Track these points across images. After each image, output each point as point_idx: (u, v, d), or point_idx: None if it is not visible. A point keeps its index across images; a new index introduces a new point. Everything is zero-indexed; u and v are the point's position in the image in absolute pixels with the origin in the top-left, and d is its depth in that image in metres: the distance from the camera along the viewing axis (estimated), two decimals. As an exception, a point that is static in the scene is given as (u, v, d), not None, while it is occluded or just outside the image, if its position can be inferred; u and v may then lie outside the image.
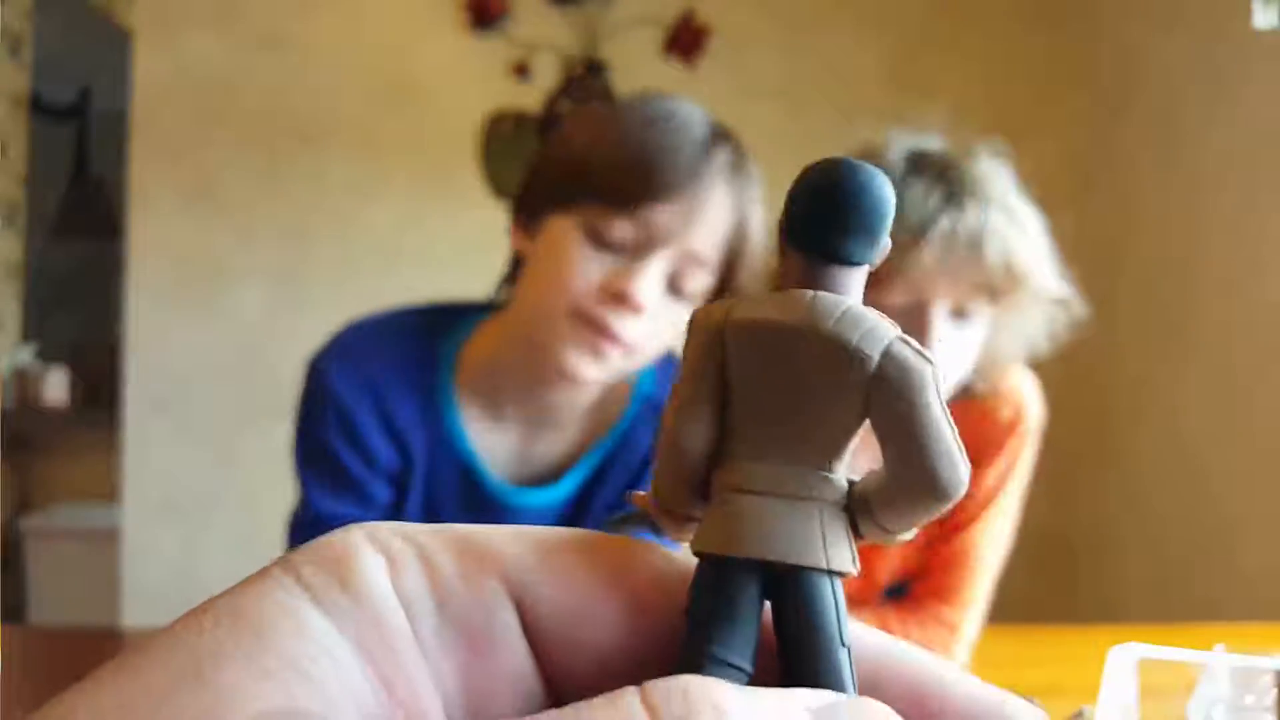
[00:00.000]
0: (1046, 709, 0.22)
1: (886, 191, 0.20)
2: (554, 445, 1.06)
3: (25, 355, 3.26)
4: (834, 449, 0.20)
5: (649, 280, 0.93)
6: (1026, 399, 1.11)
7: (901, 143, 1.03)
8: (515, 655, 0.21)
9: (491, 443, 1.05)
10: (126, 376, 2.44)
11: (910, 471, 0.20)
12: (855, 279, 0.20)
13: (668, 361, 1.09)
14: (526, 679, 0.21)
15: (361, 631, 0.19)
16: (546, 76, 2.49)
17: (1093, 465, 2.45)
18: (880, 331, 0.20)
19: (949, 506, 0.20)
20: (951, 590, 1.06)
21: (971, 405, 1.09)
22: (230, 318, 2.45)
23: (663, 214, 0.93)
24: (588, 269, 0.95)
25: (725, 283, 0.98)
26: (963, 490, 0.20)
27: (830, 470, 0.20)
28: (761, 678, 0.20)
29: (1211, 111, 2.13)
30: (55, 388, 3.19)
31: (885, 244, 0.21)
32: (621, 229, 0.93)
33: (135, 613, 2.40)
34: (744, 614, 0.20)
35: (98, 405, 2.99)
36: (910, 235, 0.95)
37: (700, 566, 0.20)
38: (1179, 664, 0.63)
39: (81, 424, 3.14)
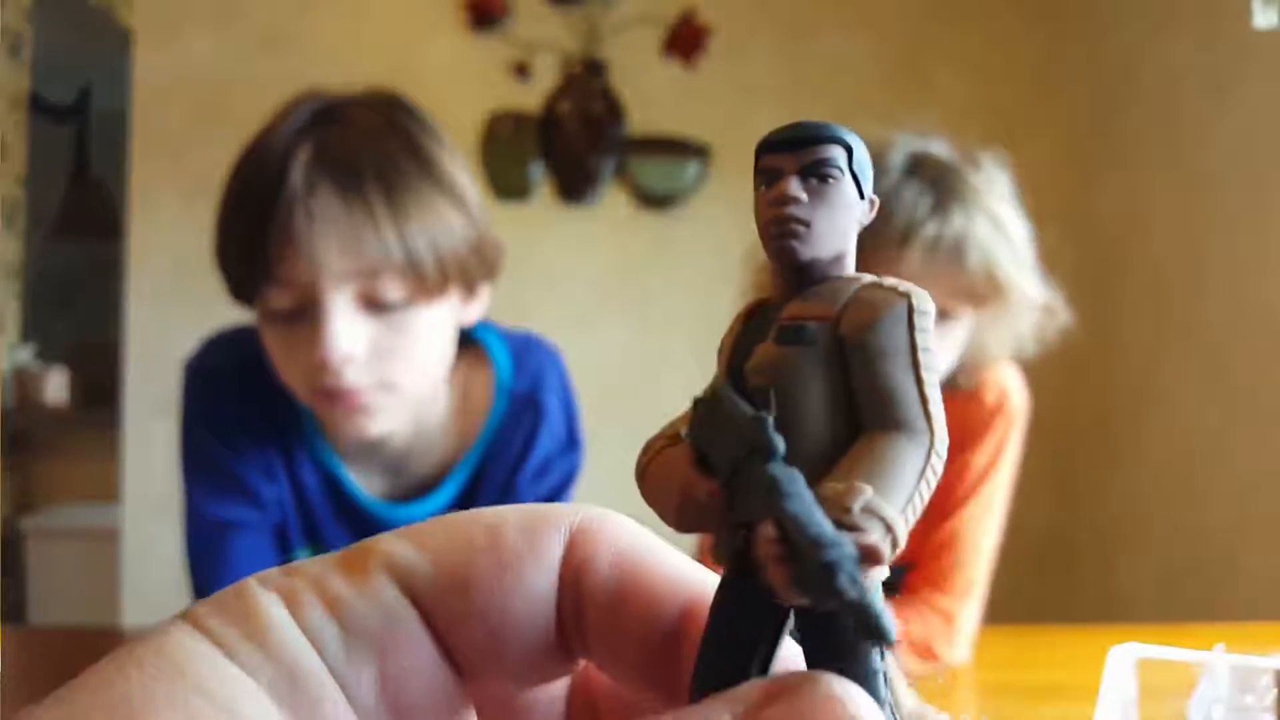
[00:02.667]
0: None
1: None
2: (427, 455, 1.03)
3: (25, 355, 3.26)
4: None
5: (334, 332, 0.87)
6: (1010, 384, 1.13)
7: (904, 145, 1.04)
8: (420, 645, 0.21)
9: (361, 456, 1.02)
10: (126, 376, 2.44)
11: None
12: None
13: (525, 349, 1.06)
14: (434, 666, 0.21)
15: (274, 679, 0.19)
16: (546, 76, 2.48)
17: (1094, 465, 2.45)
18: None
19: None
20: (946, 577, 1.06)
21: (956, 393, 1.11)
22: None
23: (290, 264, 0.88)
24: (287, 354, 0.92)
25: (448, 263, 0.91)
26: None
27: None
28: None
29: (1211, 111, 2.13)
30: (55, 388, 3.18)
31: None
32: (276, 299, 0.90)
33: (135, 613, 2.40)
34: None
35: (98, 405, 2.99)
36: (897, 236, 0.98)
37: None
38: (1179, 664, 0.63)
39: (81, 424, 3.14)
